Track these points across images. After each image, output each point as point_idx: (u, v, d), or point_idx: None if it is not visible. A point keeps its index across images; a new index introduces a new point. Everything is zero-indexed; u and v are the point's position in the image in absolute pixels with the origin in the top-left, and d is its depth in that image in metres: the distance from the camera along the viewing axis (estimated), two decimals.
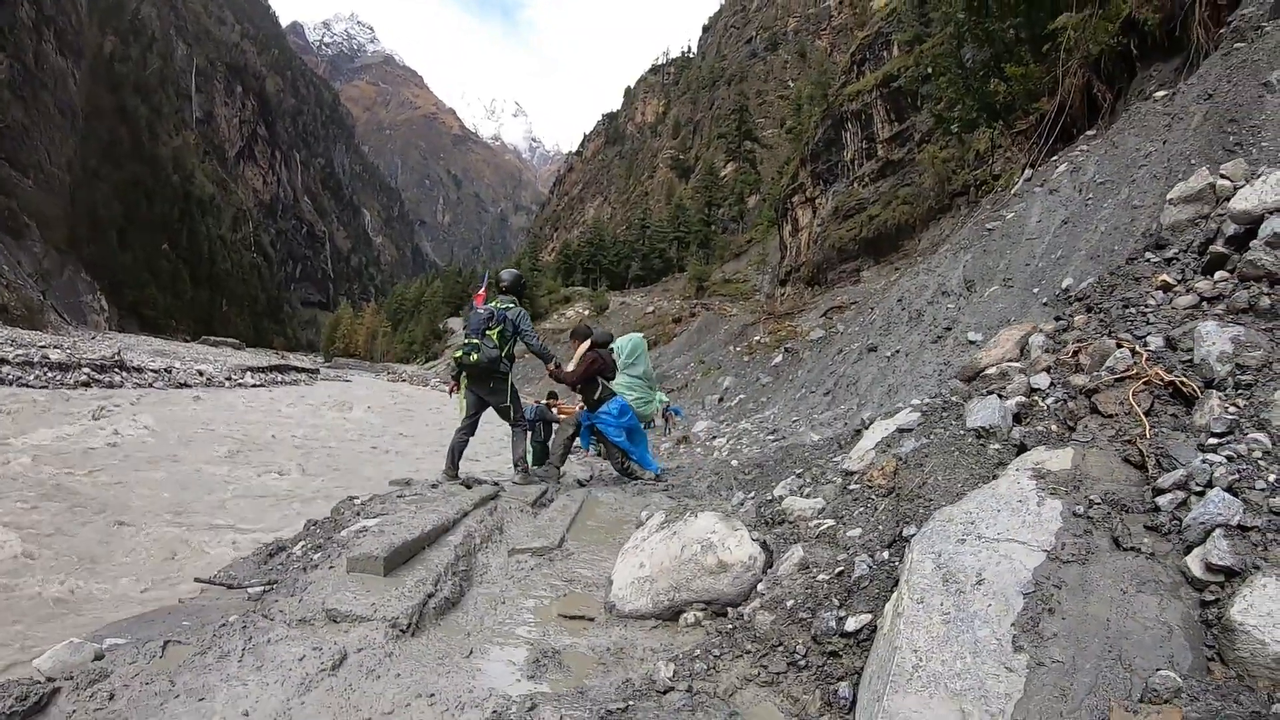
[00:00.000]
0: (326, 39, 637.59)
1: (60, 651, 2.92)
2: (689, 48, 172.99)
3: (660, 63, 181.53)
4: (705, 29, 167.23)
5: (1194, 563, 2.07)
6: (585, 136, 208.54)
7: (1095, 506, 2.37)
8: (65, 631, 4.08)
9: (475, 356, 6.51)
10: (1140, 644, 1.90)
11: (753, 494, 5.77)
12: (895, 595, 2.30)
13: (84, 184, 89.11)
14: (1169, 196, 4.65)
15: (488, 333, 6.60)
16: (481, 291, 7.44)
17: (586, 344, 7.73)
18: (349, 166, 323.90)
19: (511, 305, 6.82)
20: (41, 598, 5.22)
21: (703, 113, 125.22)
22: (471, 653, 3.10)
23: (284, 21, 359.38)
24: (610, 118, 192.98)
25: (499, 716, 2.43)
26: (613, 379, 7.91)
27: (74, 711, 2.52)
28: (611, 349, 8.04)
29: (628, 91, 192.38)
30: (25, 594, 5.25)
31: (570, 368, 7.54)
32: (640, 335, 9.20)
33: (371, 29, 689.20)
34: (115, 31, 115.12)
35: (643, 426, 8.34)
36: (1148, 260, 4.22)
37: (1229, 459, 2.32)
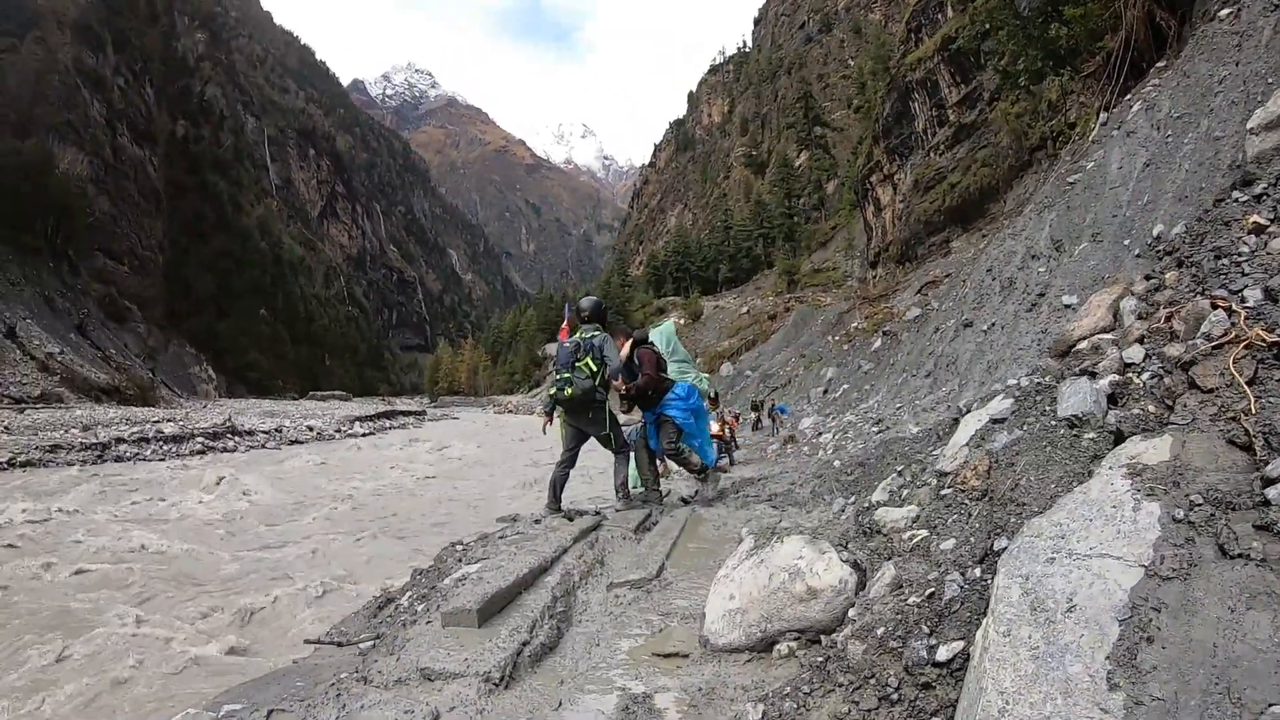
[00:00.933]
0: (389, 91, 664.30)
1: None
2: (744, 43, 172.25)
3: (718, 62, 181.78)
4: (756, 21, 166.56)
5: None
6: (656, 147, 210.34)
7: (1197, 508, 2.09)
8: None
9: (570, 390, 6.56)
10: (1252, 671, 1.64)
11: (853, 498, 5.60)
12: (984, 625, 2.12)
13: (176, 262, 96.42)
14: (1249, 125, 4.22)
15: (577, 365, 6.62)
16: (565, 326, 7.46)
17: (629, 342, 7.36)
18: (429, 210, 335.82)
19: (597, 333, 6.79)
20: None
21: (768, 105, 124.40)
22: (561, 704, 3.07)
23: (344, 81, 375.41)
24: (678, 124, 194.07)
25: None
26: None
27: None
28: (652, 343, 7.67)
29: (691, 95, 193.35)
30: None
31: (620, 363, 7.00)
32: (669, 321, 9.08)
33: (430, 74, 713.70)
34: (185, 115, 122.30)
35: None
36: (1236, 200, 3.80)
37: None
